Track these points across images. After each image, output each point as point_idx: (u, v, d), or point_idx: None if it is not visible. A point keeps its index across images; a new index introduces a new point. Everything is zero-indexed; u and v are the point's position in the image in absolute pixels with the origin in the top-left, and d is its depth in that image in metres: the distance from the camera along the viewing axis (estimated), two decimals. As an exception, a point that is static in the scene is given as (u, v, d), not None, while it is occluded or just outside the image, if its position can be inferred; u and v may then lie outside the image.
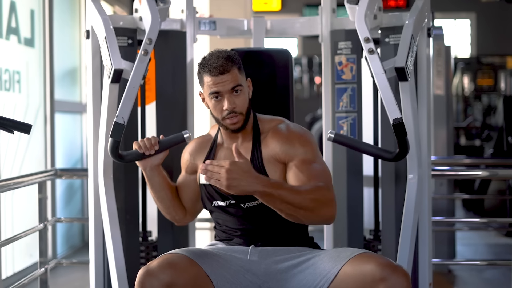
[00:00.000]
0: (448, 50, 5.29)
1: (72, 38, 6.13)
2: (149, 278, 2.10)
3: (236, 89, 2.34)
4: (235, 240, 2.40)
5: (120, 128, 2.45)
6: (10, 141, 4.58)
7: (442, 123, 5.24)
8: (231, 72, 2.33)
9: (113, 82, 2.52)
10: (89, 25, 2.71)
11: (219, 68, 2.32)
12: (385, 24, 2.78)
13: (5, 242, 3.08)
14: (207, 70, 2.34)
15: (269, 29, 2.98)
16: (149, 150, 2.43)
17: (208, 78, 2.34)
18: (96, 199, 2.69)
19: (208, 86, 2.35)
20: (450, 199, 5.22)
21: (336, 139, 2.49)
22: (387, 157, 2.49)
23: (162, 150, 2.47)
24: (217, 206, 2.43)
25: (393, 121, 2.44)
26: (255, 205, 2.34)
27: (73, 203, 6.05)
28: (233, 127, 2.37)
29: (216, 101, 2.35)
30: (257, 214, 2.36)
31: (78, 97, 6.21)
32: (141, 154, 2.45)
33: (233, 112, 2.34)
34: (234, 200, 2.37)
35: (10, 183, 3.07)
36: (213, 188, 2.40)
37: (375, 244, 2.86)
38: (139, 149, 2.44)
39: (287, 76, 2.77)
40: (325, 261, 2.23)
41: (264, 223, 2.37)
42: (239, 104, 2.35)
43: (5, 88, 4.51)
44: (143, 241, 2.87)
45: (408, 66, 2.51)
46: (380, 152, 2.55)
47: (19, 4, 4.79)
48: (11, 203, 4.60)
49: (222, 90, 2.33)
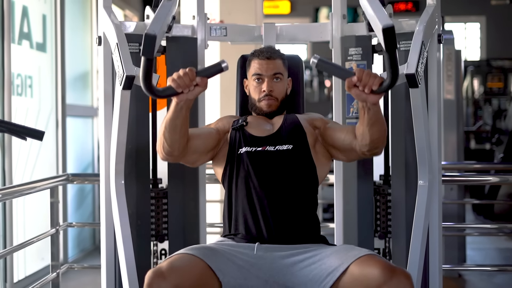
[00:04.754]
0: (458, 54, 5.29)
1: (83, 42, 6.16)
2: (157, 280, 2.13)
3: (277, 76, 2.62)
4: (240, 236, 2.44)
5: (152, 42, 2.21)
6: (22, 145, 4.61)
7: (452, 128, 5.24)
8: (275, 61, 2.63)
9: (125, 88, 2.52)
10: (101, 31, 2.72)
11: (266, 53, 2.64)
12: (395, 31, 2.78)
13: (17, 248, 3.10)
14: (256, 55, 2.65)
15: (280, 35, 2.99)
16: (188, 87, 2.25)
17: (256, 61, 2.64)
18: (108, 204, 2.70)
19: (253, 67, 2.63)
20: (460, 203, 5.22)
21: (319, 64, 2.30)
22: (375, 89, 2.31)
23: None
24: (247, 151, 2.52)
25: (383, 27, 2.23)
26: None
27: (84, 206, 6.08)
28: (268, 109, 2.61)
29: (257, 83, 2.62)
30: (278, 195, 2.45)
31: (89, 101, 6.25)
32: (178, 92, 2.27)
33: (269, 95, 2.59)
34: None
35: (22, 189, 3.09)
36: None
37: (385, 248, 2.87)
38: (177, 88, 2.25)
39: (298, 82, 2.79)
40: (332, 258, 2.27)
41: (279, 218, 2.42)
42: (277, 90, 2.61)
43: (17, 93, 4.54)
44: (154, 246, 2.88)
45: (419, 73, 2.51)
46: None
47: (31, 9, 4.82)
48: (23, 206, 4.63)
49: (265, 74, 2.61)
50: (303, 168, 2.52)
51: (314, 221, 2.52)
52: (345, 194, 2.86)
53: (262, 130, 2.58)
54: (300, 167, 2.51)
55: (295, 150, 2.52)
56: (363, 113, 2.30)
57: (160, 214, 2.87)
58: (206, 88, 2.29)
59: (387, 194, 2.84)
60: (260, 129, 2.59)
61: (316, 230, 2.51)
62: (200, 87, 2.25)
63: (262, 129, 2.59)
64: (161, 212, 2.87)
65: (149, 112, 2.87)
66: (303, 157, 2.53)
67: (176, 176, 2.84)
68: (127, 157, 2.67)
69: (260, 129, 2.58)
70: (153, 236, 2.88)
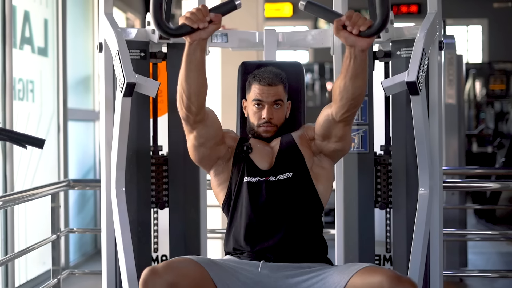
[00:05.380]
0: (459, 59, 5.29)
1: (85, 45, 6.17)
2: (153, 277, 2.13)
3: (277, 103, 2.57)
4: (246, 254, 2.43)
5: None
6: (24, 150, 4.62)
7: (454, 132, 5.24)
8: (277, 87, 2.57)
9: (126, 96, 2.53)
10: (102, 38, 2.73)
11: (268, 79, 2.56)
12: (396, 37, 2.79)
13: (19, 254, 3.11)
14: (257, 79, 2.58)
15: (281, 42, 2.99)
16: (202, 22, 2.19)
17: (257, 86, 2.57)
18: (109, 210, 2.70)
19: (254, 93, 2.58)
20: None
21: (307, 6, 2.28)
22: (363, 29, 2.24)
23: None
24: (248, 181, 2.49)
25: None
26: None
27: (85, 210, 6.09)
28: (265, 134, 2.59)
29: (257, 108, 2.57)
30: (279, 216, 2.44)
31: (91, 105, 6.25)
32: (192, 28, 2.20)
33: (269, 122, 2.56)
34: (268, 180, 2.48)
35: (24, 195, 3.10)
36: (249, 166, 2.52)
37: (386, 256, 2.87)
38: (191, 23, 2.18)
39: (299, 89, 2.78)
40: (334, 275, 2.27)
41: (283, 243, 2.41)
42: (276, 117, 2.57)
43: (18, 98, 4.54)
44: (155, 252, 2.89)
45: (420, 80, 2.50)
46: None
47: (33, 14, 4.83)
48: (25, 211, 4.63)
49: (265, 100, 2.56)
50: (304, 194, 2.50)
51: (320, 243, 2.50)
52: (345, 202, 2.86)
53: (264, 159, 2.55)
54: (300, 193, 2.50)
55: (295, 177, 2.50)
56: (349, 62, 2.23)
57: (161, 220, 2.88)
58: (220, 26, 2.24)
59: (388, 197, 2.84)
60: (262, 157, 2.55)
61: (322, 252, 2.49)
62: (214, 24, 2.20)
63: (264, 157, 2.55)
64: (162, 218, 2.88)
65: (150, 118, 2.87)
66: (303, 183, 2.51)
67: (177, 183, 2.84)
68: (128, 163, 2.68)
69: (262, 158, 2.55)
70: (155, 244, 2.88)
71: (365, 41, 2.17)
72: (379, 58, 2.84)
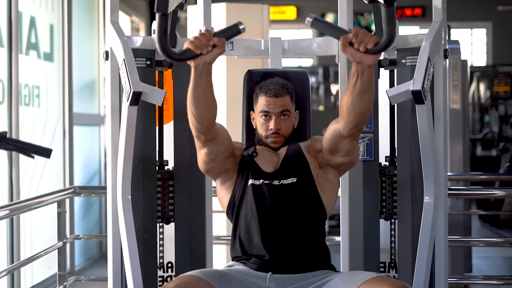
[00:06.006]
0: (464, 64, 5.29)
1: (90, 49, 6.19)
2: None
3: (284, 113, 2.59)
4: (253, 260, 2.44)
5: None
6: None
7: (458, 137, 5.24)
8: (283, 98, 2.59)
9: (132, 104, 2.53)
10: (108, 46, 2.74)
11: (274, 91, 2.59)
12: (401, 45, 2.79)
13: (25, 262, 3.12)
14: (264, 91, 2.61)
15: (286, 49, 3.00)
16: (206, 47, 2.21)
17: (263, 98, 2.60)
18: (115, 218, 2.71)
19: (261, 104, 2.60)
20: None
21: (314, 23, 2.27)
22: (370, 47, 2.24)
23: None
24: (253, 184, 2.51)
25: None
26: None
27: (91, 214, 6.10)
28: (274, 145, 2.61)
29: (265, 119, 2.60)
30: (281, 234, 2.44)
31: (96, 109, 6.27)
32: (196, 53, 2.22)
33: (277, 133, 2.58)
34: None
35: (30, 204, 3.11)
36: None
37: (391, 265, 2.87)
38: (195, 49, 2.20)
39: (304, 98, 2.79)
40: (339, 284, 2.26)
41: (287, 248, 2.42)
42: (284, 127, 2.59)
43: (24, 103, 4.56)
44: (160, 260, 2.89)
45: (425, 89, 2.51)
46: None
47: (39, 19, 4.85)
48: (30, 216, 4.64)
49: (272, 111, 2.58)
50: (307, 200, 2.51)
51: (322, 250, 2.51)
52: (351, 209, 2.87)
53: (269, 163, 2.57)
54: (304, 199, 2.51)
55: (299, 182, 2.52)
56: (356, 79, 2.23)
57: (166, 228, 2.89)
58: (224, 50, 2.25)
59: (393, 208, 2.84)
60: (267, 161, 2.57)
61: (325, 258, 2.50)
62: (218, 48, 2.21)
63: (269, 161, 2.58)
64: (167, 226, 2.88)
65: (156, 125, 2.88)
66: (307, 189, 2.52)
67: (183, 195, 2.85)
68: (134, 171, 2.68)
69: (268, 162, 2.57)
70: (160, 251, 2.89)
71: (372, 57, 2.18)
72: (384, 66, 2.85)
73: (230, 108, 4.90)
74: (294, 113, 2.66)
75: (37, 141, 4.82)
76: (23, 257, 4.33)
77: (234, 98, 4.66)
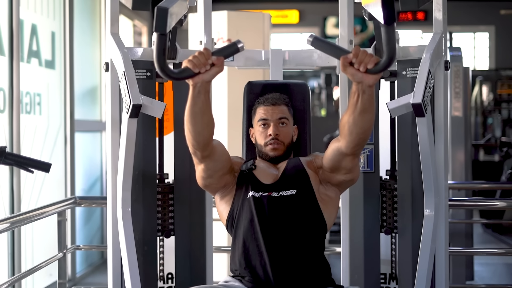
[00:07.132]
0: (466, 71, 5.28)
1: (92, 56, 6.19)
2: None
3: (283, 121, 2.62)
4: (248, 279, 2.43)
5: (164, 14, 2.15)
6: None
7: (460, 144, 5.23)
8: (281, 106, 2.64)
9: (132, 117, 2.53)
10: (109, 58, 2.74)
11: (271, 100, 2.65)
12: (402, 57, 2.79)
13: (26, 274, 3.12)
14: (261, 102, 2.67)
15: (287, 60, 2.99)
16: (204, 65, 2.20)
17: (261, 107, 2.65)
18: (115, 229, 2.71)
19: (259, 114, 2.64)
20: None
21: (314, 42, 2.27)
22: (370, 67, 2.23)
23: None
24: (252, 196, 2.50)
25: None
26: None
27: (92, 222, 6.10)
28: (273, 153, 2.60)
29: (263, 128, 2.62)
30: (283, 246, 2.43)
31: (98, 116, 6.27)
32: (194, 72, 2.22)
33: (276, 139, 2.58)
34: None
35: (31, 215, 3.11)
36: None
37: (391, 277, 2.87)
38: (193, 68, 2.20)
39: (304, 110, 2.79)
40: None
41: (286, 265, 2.41)
42: (283, 134, 2.61)
43: (26, 111, 4.56)
44: (160, 271, 2.89)
45: (425, 102, 2.50)
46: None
47: (40, 27, 4.85)
48: (31, 225, 4.64)
49: (270, 118, 2.61)
50: (307, 212, 2.51)
51: (322, 264, 2.50)
52: (351, 213, 2.87)
53: (268, 176, 2.57)
54: (304, 211, 2.50)
55: (299, 194, 2.51)
56: (356, 98, 2.22)
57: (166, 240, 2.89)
58: (222, 68, 2.25)
59: (394, 222, 2.84)
60: (266, 174, 2.57)
61: (325, 273, 2.49)
62: (216, 67, 2.21)
63: (268, 174, 2.57)
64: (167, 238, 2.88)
65: (156, 137, 2.88)
66: (307, 201, 2.52)
67: (183, 208, 2.84)
68: (133, 183, 2.68)
69: (267, 174, 2.57)
70: (161, 264, 2.89)
71: (372, 77, 2.17)
72: (385, 78, 2.84)
73: (231, 119, 4.89)
74: (292, 125, 2.67)
75: (38, 149, 4.82)
76: (24, 266, 4.34)
77: (235, 108, 4.65)
